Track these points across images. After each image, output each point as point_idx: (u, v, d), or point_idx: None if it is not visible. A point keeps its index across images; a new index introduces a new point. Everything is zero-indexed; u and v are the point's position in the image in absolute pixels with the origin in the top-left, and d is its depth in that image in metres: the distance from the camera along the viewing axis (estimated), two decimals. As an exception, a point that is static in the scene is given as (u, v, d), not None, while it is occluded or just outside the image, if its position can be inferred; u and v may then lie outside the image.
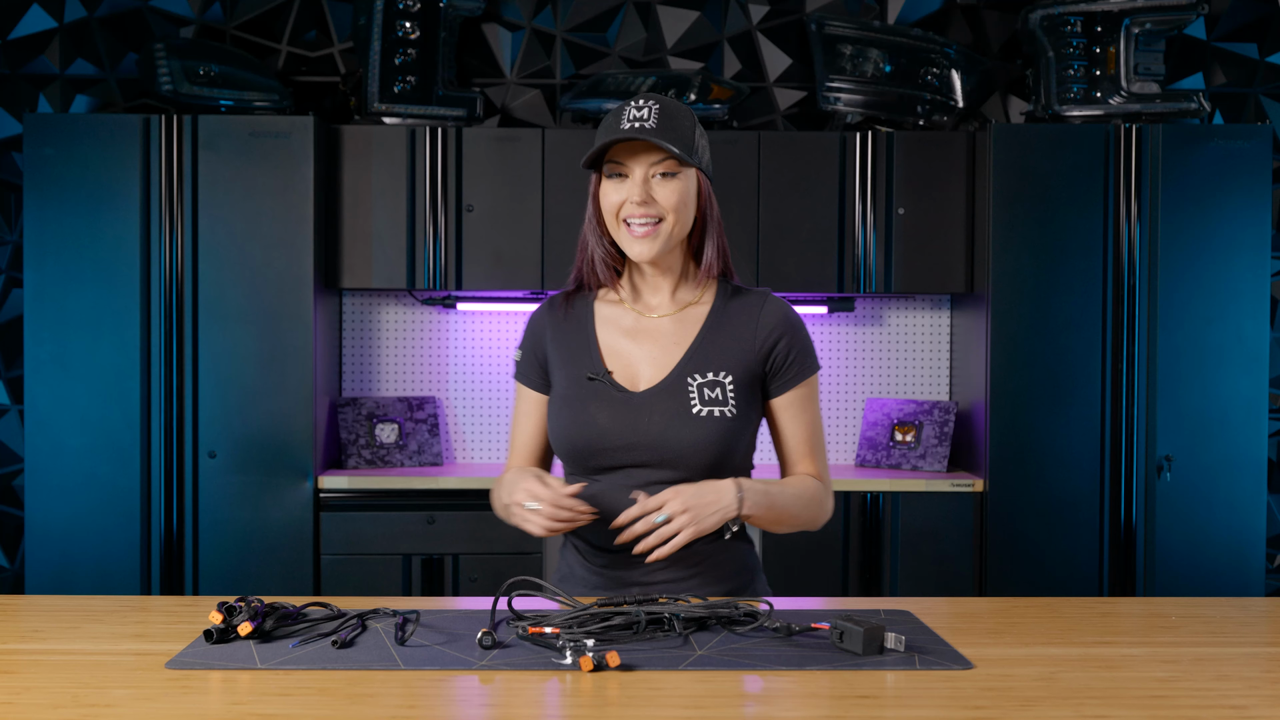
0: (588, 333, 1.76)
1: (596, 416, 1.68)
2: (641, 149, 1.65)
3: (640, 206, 1.65)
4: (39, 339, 3.47)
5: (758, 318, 1.75)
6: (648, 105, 1.64)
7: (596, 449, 1.68)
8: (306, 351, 3.51)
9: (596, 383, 1.70)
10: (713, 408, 1.68)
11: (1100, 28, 3.68)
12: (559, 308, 1.81)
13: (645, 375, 1.72)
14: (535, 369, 1.80)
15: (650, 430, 1.66)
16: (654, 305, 1.76)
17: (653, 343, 1.74)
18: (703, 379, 1.70)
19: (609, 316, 1.77)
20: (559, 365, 1.75)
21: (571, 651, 1.32)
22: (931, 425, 3.80)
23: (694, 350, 1.72)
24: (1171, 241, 3.54)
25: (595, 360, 1.73)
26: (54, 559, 3.46)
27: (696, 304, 1.76)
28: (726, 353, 1.72)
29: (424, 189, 3.66)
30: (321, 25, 4.00)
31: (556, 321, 1.79)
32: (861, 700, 1.21)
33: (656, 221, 1.66)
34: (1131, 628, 1.57)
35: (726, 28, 4.04)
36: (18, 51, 3.91)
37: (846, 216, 3.70)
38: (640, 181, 1.65)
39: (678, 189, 1.66)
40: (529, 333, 1.82)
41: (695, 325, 1.75)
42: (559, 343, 1.77)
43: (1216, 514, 3.53)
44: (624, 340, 1.75)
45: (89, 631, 1.48)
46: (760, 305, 1.76)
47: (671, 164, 1.66)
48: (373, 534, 3.50)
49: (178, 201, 3.50)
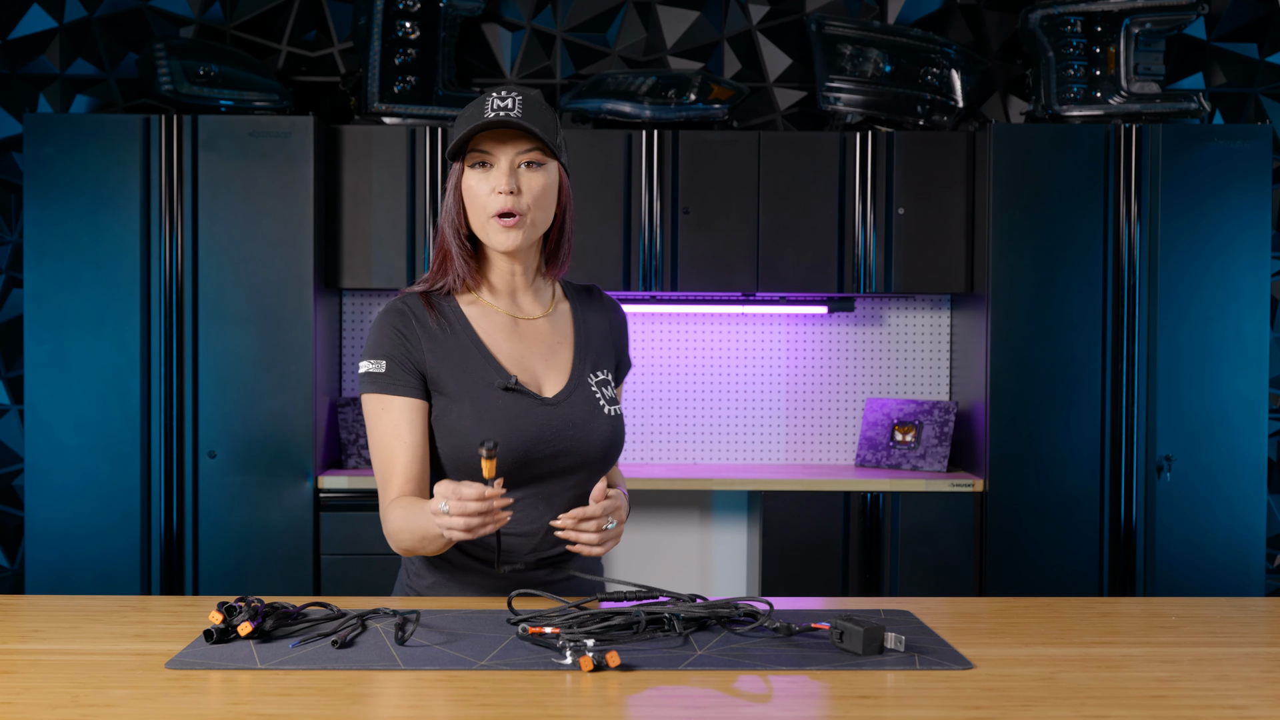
0: (470, 337, 1.67)
1: (524, 427, 1.62)
2: (508, 137, 1.63)
3: (509, 196, 1.62)
4: (39, 339, 3.47)
5: (610, 315, 1.80)
6: (511, 96, 1.62)
7: (523, 460, 1.62)
8: (306, 351, 3.51)
9: (514, 392, 1.64)
10: (612, 405, 1.71)
11: (1100, 28, 3.68)
12: (422, 309, 1.67)
13: (548, 380, 1.69)
14: (411, 376, 1.63)
15: (572, 435, 1.66)
16: (525, 307, 1.73)
17: (540, 345, 1.71)
18: (597, 378, 1.72)
19: (480, 318, 1.69)
20: (450, 374, 1.64)
21: (571, 651, 1.32)
22: (931, 425, 3.80)
23: (580, 350, 1.73)
24: (1171, 241, 3.54)
25: (498, 368, 1.65)
26: (54, 559, 3.46)
27: (561, 302, 1.78)
28: (602, 351, 1.76)
29: (424, 189, 3.66)
30: (321, 25, 4.00)
31: (427, 325, 1.66)
32: (861, 700, 1.21)
33: (523, 213, 1.63)
34: (1131, 628, 1.56)
35: (726, 28, 4.04)
36: (18, 51, 3.91)
37: (846, 216, 3.70)
38: (507, 170, 1.63)
39: (542, 179, 1.65)
40: (389, 339, 1.64)
41: (567, 324, 1.75)
42: (442, 350, 1.65)
43: (1216, 514, 3.53)
44: (510, 344, 1.69)
45: (89, 631, 1.48)
46: (604, 301, 1.82)
47: (537, 154, 1.64)
48: (373, 534, 3.50)
49: (178, 201, 3.50)
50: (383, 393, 1.63)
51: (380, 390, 1.64)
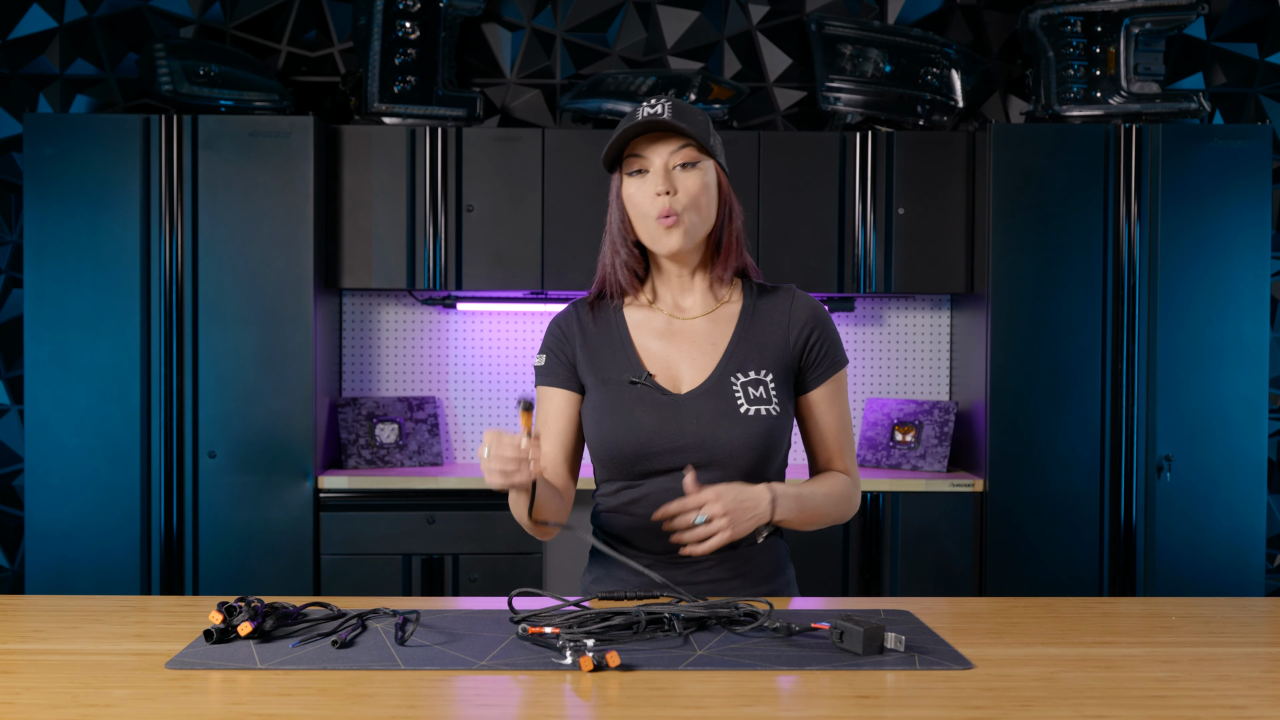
0: (622, 336, 1.74)
1: (642, 420, 1.67)
2: (660, 140, 1.66)
3: (665, 197, 1.65)
4: (39, 339, 3.47)
5: (789, 312, 1.76)
6: (660, 102, 1.66)
7: (642, 453, 1.67)
8: (306, 351, 3.51)
9: (639, 386, 1.69)
10: (759, 406, 1.68)
11: (1100, 28, 3.68)
12: (586, 313, 1.78)
13: (687, 377, 1.71)
14: (564, 369, 1.75)
15: (698, 431, 1.66)
16: (685, 307, 1.76)
17: (689, 344, 1.73)
18: (745, 378, 1.70)
19: (640, 320, 1.76)
20: (593, 369, 1.73)
21: (571, 651, 1.32)
22: (931, 425, 3.80)
23: (733, 349, 1.72)
24: (1171, 241, 3.54)
25: (634, 363, 1.71)
26: (54, 559, 3.46)
27: (727, 303, 1.77)
28: (764, 350, 1.73)
29: (424, 189, 3.66)
30: (321, 25, 4.00)
31: (585, 326, 1.76)
32: (861, 700, 1.21)
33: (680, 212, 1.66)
34: (1131, 628, 1.57)
35: (726, 28, 4.04)
36: (18, 51, 3.91)
37: (846, 216, 3.70)
38: (662, 171, 1.66)
39: (698, 178, 1.67)
40: (553, 337, 1.78)
41: (729, 324, 1.75)
42: (591, 346, 1.74)
43: (1216, 514, 3.53)
44: (659, 343, 1.73)
45: (89, 631, 1.48)
46: (790, 300, 1.78)
47: (690, 153, 1.66)
48: (373, 534, 3.50)
49: (178, 201, 3.50)
50: (541, 384, 1.78)
51: (540, 381, 1.78)
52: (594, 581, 1.77)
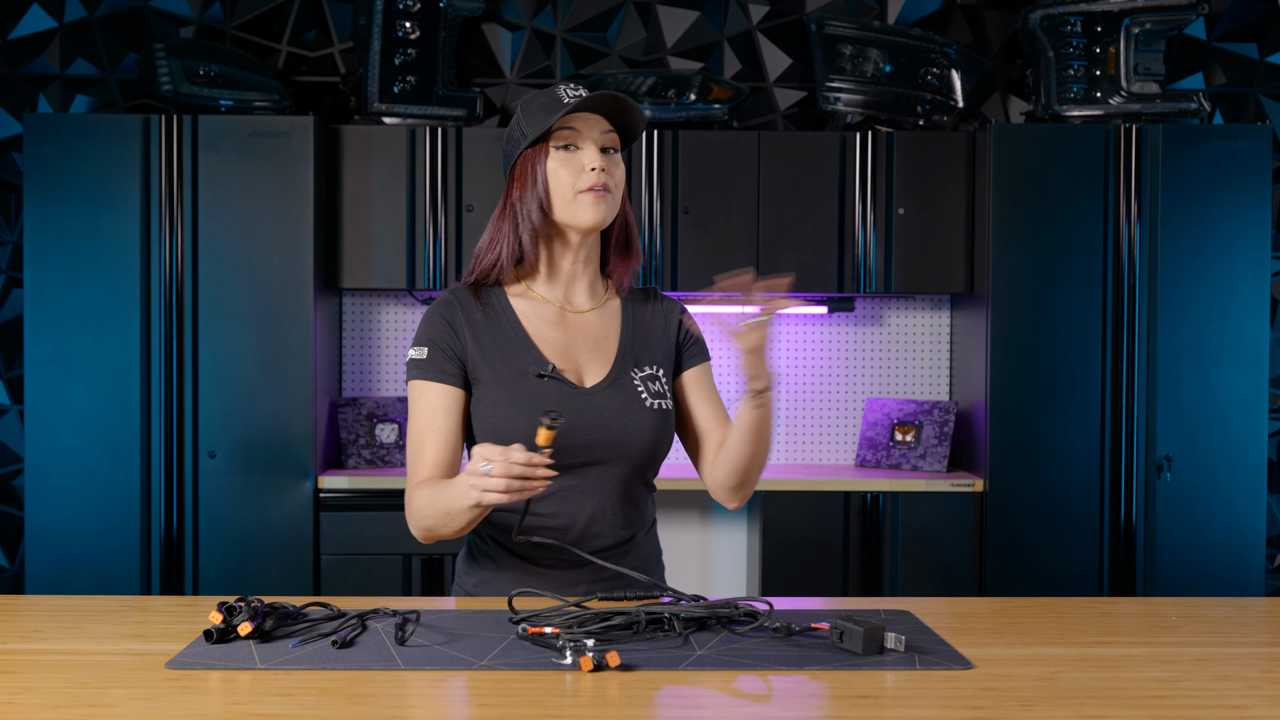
0: (514, 327, 1.69)
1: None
2: (591, 120, 1.67)
3: (601, 172, 1.65)
4: (39, 339, 3.47)
5: (664, 311, 1.80)
6: (581, 86, 1.69)
7: (559, 447, 1.59)
8: (306, 351, 3.51)
9: (546, 380, 1.65)
10: (658, 400, 1.70)
11: (1100, 28, 3.68)
12: (470, 301, 1.70)
13: (589, 370, 1.70)
14: (452, 364, 1.66)
15: (609, 425, 1.65)
16: (575, 300, 1.75)
17: (586, 337, 1.72)
18: (642, 372, 1.72)
19: (530, 311, 1.71)
20: (489, 362, 1.66)
21: (571, 651, 1.32)
22: (931, 425, 3.80)
23: (626, 344, 1.73)
24: (1171, 241, 3.54)
25: (535, 356, 1.67)
26: (54, 559, 3.46)
27: (613, 299, 1.78)
28: (653, 345, 1.75)
29: (424, 189, 3.66)
30: (321, 25, 4.00)
31: (472, 316, 1.69)
32: (861, 700, 1.21)
33: (610, 189, 1.67)
34: (1131, 628, 1.56)
35: (726, 28, 4.04)
36: (18, 51, 3.91)
37: (846, 216, 3.70)
38: (596, 147, 1.67)
39: (620, 166, 1.71)
40: (435, 328, 1.67)
41: (616, 319, 1.76)
42: (483, 339, 1.67)
43: (1216, 514, 3.53)
44: (554, 334, 1.70)
45: (89, 631, 1.48)
46: (661, 299, 1.83)
47: (616, 139, 1.69)
48: (373, 534, 3.50)
49: (178, 201, 3.50)
50: (423, 379, 1.66)
51: (421, 376, 1.66)
52: (478, 585, 1.71)
